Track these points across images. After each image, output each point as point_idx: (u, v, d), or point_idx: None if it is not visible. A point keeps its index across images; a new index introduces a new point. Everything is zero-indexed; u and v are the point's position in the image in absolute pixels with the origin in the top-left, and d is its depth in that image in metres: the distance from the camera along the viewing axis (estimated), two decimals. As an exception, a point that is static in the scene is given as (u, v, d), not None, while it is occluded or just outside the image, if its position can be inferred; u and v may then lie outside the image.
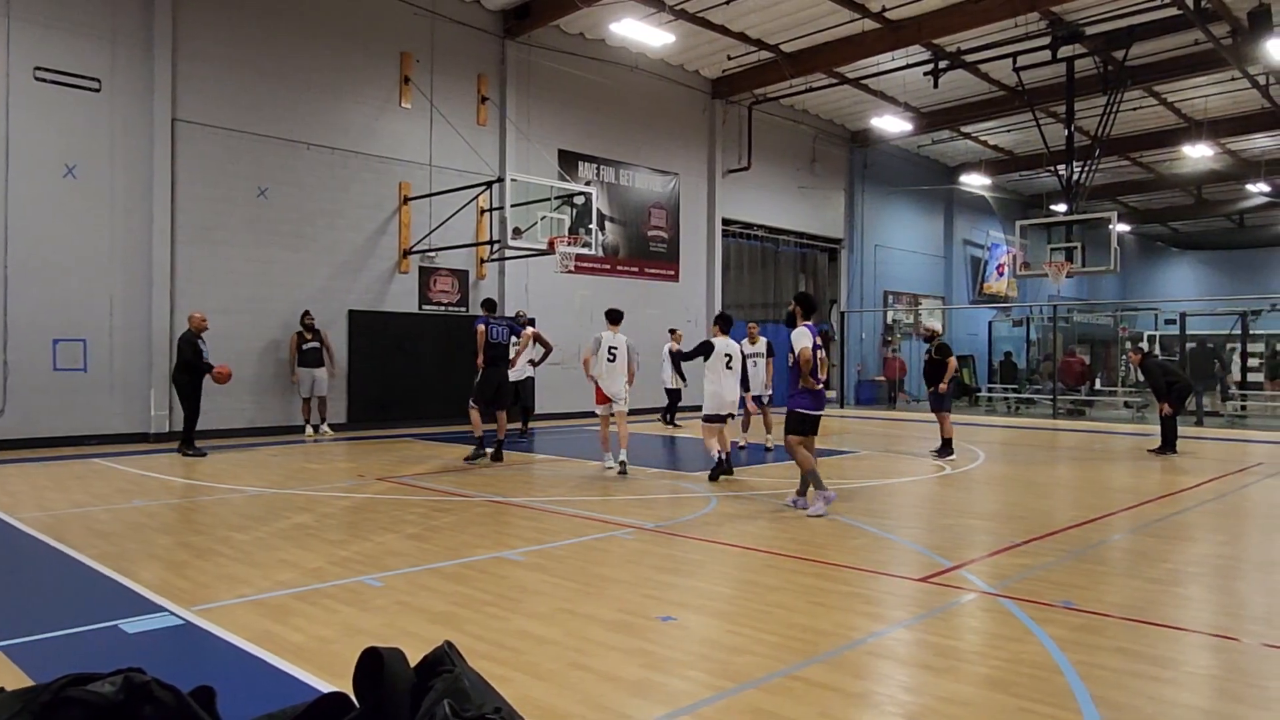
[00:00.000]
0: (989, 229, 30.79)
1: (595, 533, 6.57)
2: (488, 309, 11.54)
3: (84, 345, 12.18)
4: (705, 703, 3.36)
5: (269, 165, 13.90)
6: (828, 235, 24.91)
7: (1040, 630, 4.25)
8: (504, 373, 11.02)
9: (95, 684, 1.31)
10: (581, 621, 4.36)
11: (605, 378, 10.03)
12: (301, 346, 13.74)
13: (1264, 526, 7.44)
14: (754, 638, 4.13)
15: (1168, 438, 12.28)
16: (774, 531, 6.72)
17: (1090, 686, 3.52)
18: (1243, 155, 26.75)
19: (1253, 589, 5.30)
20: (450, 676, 1.39)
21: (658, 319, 19.55)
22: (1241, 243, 35.66)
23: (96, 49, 12.31)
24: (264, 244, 13.86)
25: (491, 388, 10.77)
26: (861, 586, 5.12)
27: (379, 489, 8.65)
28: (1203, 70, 18.99)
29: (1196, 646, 4.18)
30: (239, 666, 3.76)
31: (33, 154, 11.83)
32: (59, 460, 10.67)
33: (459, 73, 16.28)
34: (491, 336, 10.76)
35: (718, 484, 9.07)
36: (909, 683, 3.63)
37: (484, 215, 16.40)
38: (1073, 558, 5.86)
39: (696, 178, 20.89)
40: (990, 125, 24.56)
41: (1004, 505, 8.22)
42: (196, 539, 6.28)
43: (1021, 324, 26.55)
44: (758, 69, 19.55)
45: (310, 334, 13.80)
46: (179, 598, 4.73)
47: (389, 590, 4.94)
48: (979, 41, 18.03)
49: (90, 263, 12.28)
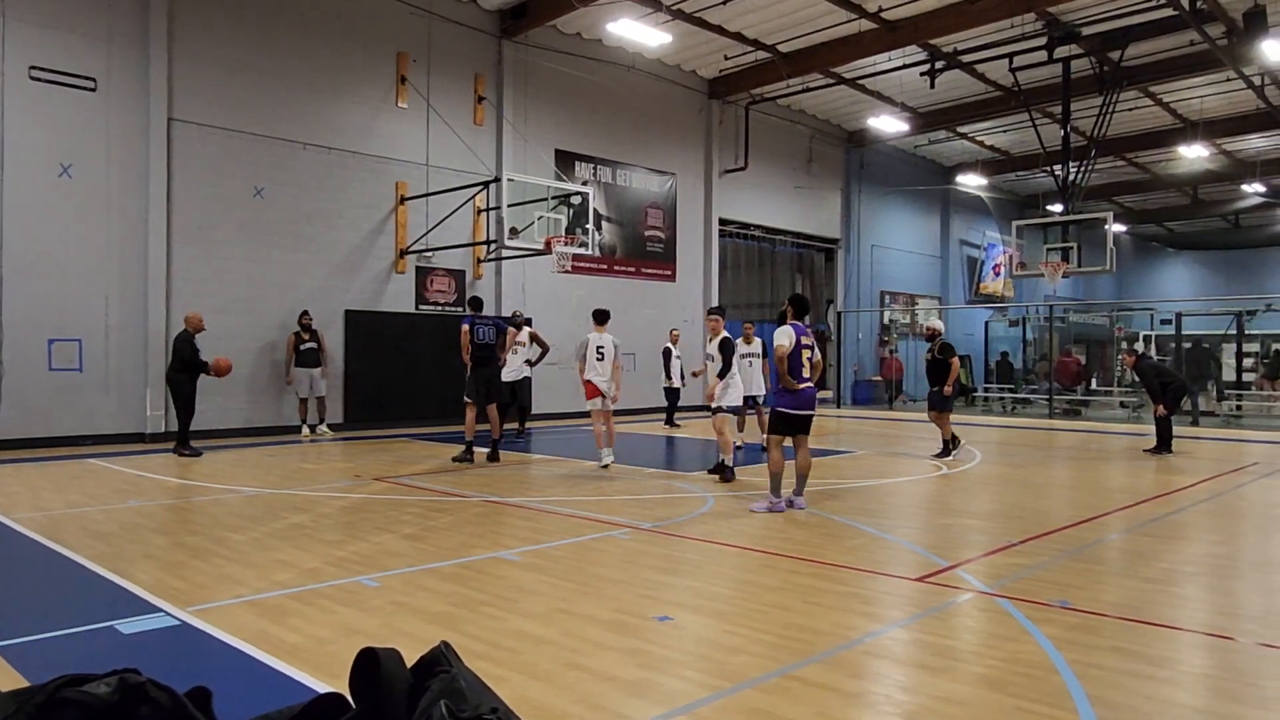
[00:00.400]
0: (985, 229, 30.83)
1: (592, 533, 6.57)
2: (474, 308, 11.38)
3: (79, 345, 12.15)
4: (702, 702, 3.36)
5: (265, 165, 13.87)
6: (824, 235, 24.92)
7: (1036, 630, 4.25)
8: (493, 371, 11.01)
9: (91, 685, 1.31)
10: (578, 621, 4.36)
11: (596, 376, 10.23)
12: (299, 347, 13.72)
13: (1259, 526, 7.46)
14: (751, 637, 4.14)
15: (1163, 438, 12.31)
16: (771, 531, 6.72)
17: (1086, 686, 3.53)
18: (1238, 156, 26.81)
19: (1248, 588, 5.31)
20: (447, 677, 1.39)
21: (654, 319, 19.57)
22: (1237, 243, 35.74)
23: (92, 48, 12.28)
24: (260, 244, 13.84)
25: (482, 386, 10.76)
26: (858, 586, 5.12)
27: (376, 489, 8.64)
28: (1198, 71, 19.04)
29: (1192, 646, 4.18)
30: (235, 667, 3.76)
31: (28, 154, 11.80)
32: (54, 460, 10.64)
33: (456, 72, 16.27)
34: (477, 337, 10.71)
35: (720, 483, 9.04)
36: (906, 682, 3.63)
37: (481, 215, 16.40)
38: (1069, 557, 5.87)
39: (693, 178, 20.90)
40: (986, 125, 24.60)
41: (1000, 505, 8.23)
42: (193, 539, 6.27)
43: (1018, 324, 26.59)
44: (754, 69, 19.56)
45: (308, 334, 13.78)
46: (175, 598, 4.72)
47: (386, 590, 4.93)
48: (975, 42, 18.06)
49: (86, 263, 12.26)
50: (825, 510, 7.58)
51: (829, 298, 25.39)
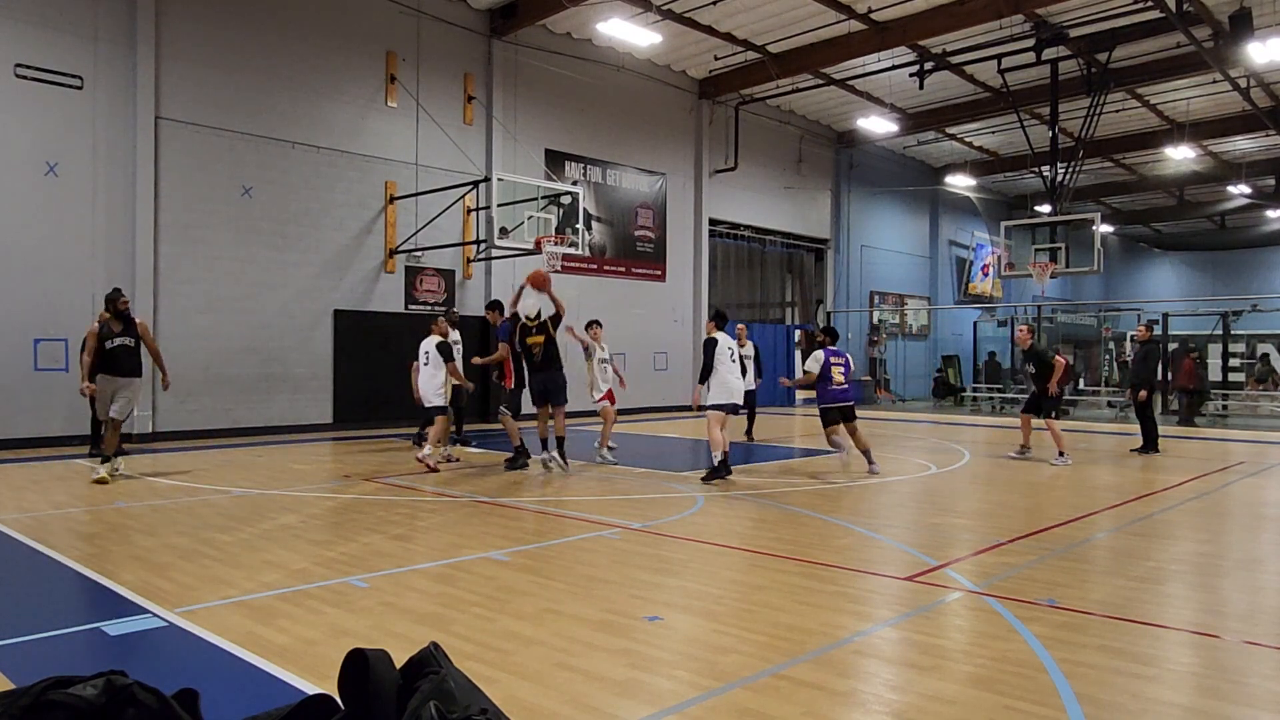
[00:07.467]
0: (974, 230, 30.97)
1: (582, 533, 6.56)
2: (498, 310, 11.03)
3: (65, 345, 12.07)
4: (692, 702, 3.36)
5: (253, 164, 13.81)
6: (814, 235, 24.98)
7: (1024, 628, 4.27)
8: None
9: (76, 687, 1.30)
10: (568, 622, 4.36)
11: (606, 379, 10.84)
12: (106, 343, 9.17)
13: (1245, 525, 7.51)
14: (740, 637, 4.14)
15: (1149, 437, 12.37)
16: (760, 531, 6.73)
17: (1074, 684, 3.55)
18: (1224, 157, 27.01)
19: (1234, 587, 5.35)
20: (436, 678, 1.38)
21: (644, 319, 19.58)
22: (1223, 244, 36.00)
23: (79, 46, 12.20)
24: (248, 243, 13.77)
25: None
26: (847, 585, 5.13)
27: (364, 489, 8.61)
28: (1185, 73, 19.19)
29: (1179, 644, 4.21)
30: (223, 668, 3.74)
31: (13, 152, 11.72)
32: (40, 461, 10.57)
33: (445, 72, 16.23)
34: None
35: (709, 484, 9.01)
36: (895, 681, 3.64)
37: (470, 215, 16.37)
38: (1057, 556, 5.90)
39: (683, 178, 20.91)
40: (975, 126, 24.71)
41: (988, 504, 8.27)
42: (180, 540, 6.23)
43: (1006, 324, 26.70)
44: (744, 69, 19.59)
45: (119, 324, 9.26)
46: (162, 599, 4.69)
47: (374, 591, 4.91)
48: (964, 43, 18.14)
49: (72, 262, 12.18)
50: (815, 510, 7.60)
51: (818, 298, 25.45)
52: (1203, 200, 32.01)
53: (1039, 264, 18.19)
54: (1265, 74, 19.66)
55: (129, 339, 9.18)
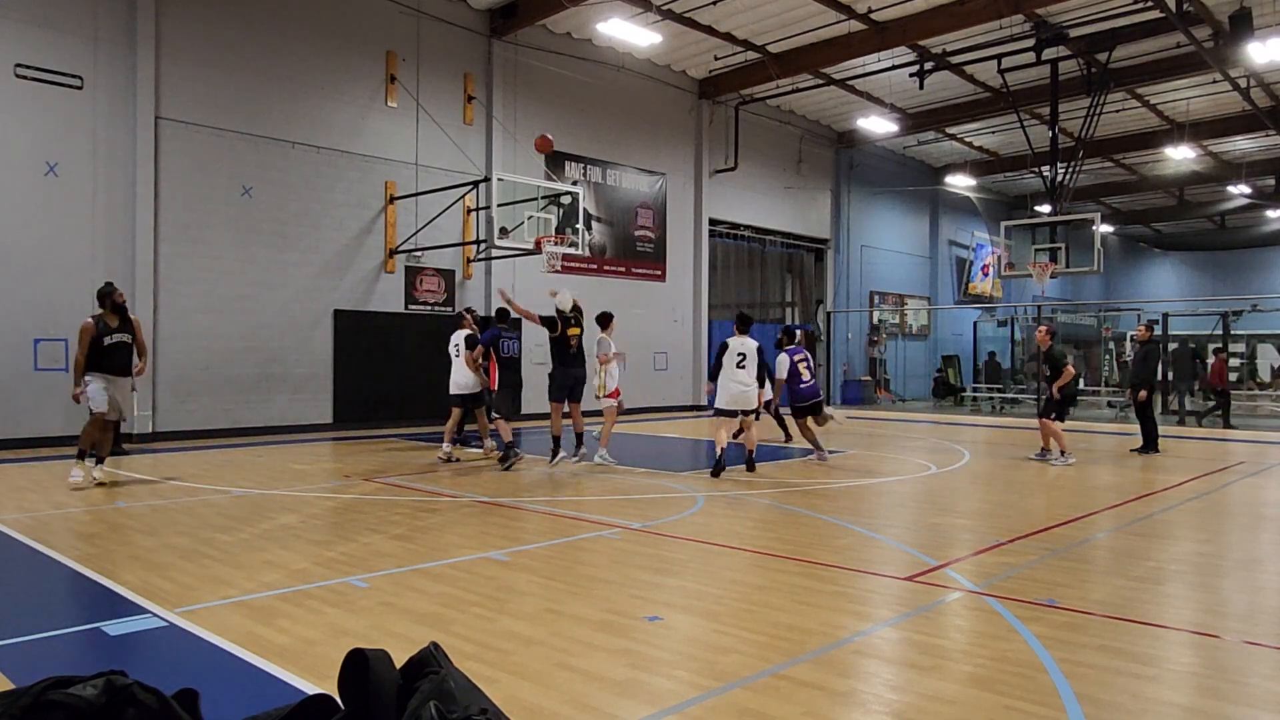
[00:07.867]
0: (974, 230, 30.97)
1: (581, 533, 6.56)
2: (502, 320, 11.02)
3: (65, 345, 12.06)
4: (692, 702, 3.36)
5: (253, 164, 13.81)
6: (814, 235, 24.98)
7: (1024, 628, 4.27)
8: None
9: (77, 687, 1.30)
10: (568, 622, 4.36)
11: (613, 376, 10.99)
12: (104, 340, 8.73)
13: (1245, 525, 7.51)
14: (740, 637, 4.14)
15: (1149, 437, 12.37)
16: (760, 531, 6.73)
17: (1074, 684, 3.55)
18: (1224, 157, 27.01)
19: (1234, 587, 5.35)
20: (436, 678, 1.38)
21: (644, 319, 19.58)
22: (1223, 244, 36.01)
23: (79, 46, 12.20)
24: (248, 243, 13.77)
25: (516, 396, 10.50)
26: (847, 585, 5.13)
27: (365, 489, 8.61)
28: (1185, 73, 19.19)
29: (1178, 644, 4.21)
30: (223, 668, 3.74)
31: (14, 152, 11.72)
32: (40, 461, 10.57)
33: (445, 72, 16.23)
34: (503, 351, 10.60)
35: (712, 481, 9.12)
36: (895, 681, 3.64)
37: (470, 215, 16.37)
38: (1056, 556, 5.90)
39: (683, 178, 20.91)
40: (975, 126, 24.71)
41: (988, 504, 8.27)
42: (180, 540, 6.23)
43: (1006, 324, 26.73)
44: (744, 69, 19.59)
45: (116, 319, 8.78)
46: (162, 599, 4.69)
47: (375, 591, 4.91)
48: (964, 43, 18.14)
49: (72, 262, 12.18)
50: (815, 510, 7.60)
51: (818, 298, 25.45)
52: (1203, 200, 32.01)
53: (1039, 264, 18.18)
54: (1265, 74, 19.66)
55: (126, 335, 8.70)
